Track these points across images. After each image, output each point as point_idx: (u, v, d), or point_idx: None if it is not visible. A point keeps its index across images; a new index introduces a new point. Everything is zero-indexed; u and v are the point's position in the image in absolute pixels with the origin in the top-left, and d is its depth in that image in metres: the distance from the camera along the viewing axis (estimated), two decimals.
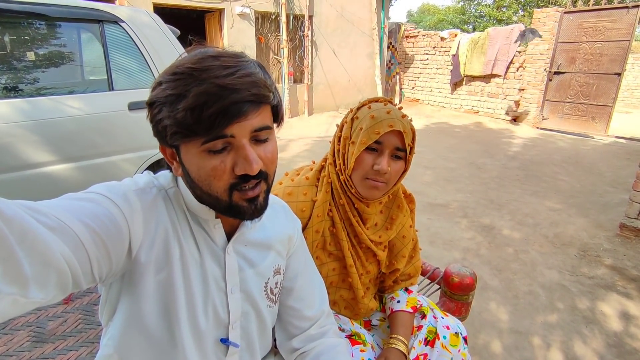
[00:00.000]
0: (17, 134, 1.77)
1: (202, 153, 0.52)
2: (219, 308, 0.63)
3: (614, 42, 5.78)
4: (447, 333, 0.99)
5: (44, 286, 0.40)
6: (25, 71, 1.98)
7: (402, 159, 0.89)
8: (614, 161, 4.86)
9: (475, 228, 2.92)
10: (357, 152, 0.87)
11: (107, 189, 0.53)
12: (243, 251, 0.67)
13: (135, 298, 0.56)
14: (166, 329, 0.58)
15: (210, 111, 0.48)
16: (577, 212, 3.26)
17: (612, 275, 2.31)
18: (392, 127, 0.84)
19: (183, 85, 0.49)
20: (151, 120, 0.54)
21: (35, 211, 0.41)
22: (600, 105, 6.08)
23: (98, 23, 2.04)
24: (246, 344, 0.69)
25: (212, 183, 0.53)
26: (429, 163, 4.58)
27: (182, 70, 0.50)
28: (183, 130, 0.50)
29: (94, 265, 0.47)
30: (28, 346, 1.11)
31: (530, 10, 13.14)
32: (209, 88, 0.48)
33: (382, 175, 0.87)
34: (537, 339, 1.77)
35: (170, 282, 0.57)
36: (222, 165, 0.52)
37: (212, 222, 0.62)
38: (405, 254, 1.03)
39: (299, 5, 6.78)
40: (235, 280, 0.65)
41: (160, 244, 0.57)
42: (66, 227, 0.43)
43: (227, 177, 0.53)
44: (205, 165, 0.52)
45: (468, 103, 7.93)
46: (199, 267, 0.61)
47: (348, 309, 1.02)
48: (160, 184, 0.60)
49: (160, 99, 0.51)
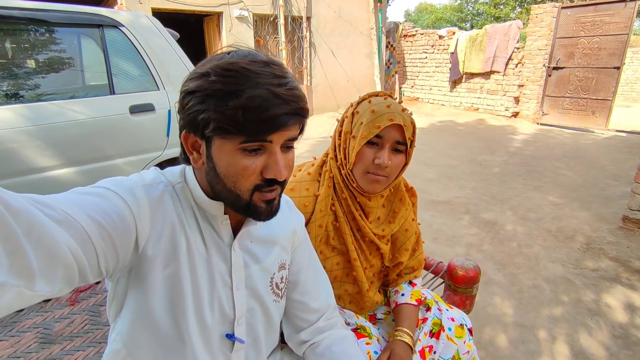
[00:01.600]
0: (20, 140, 1.79)
1: (237, 151, 0.53)
2: (224, 303, 0.64)
3: (612, 36, 5.78)
4: (452, 325, 0.99)
5: (51, 279, 0.40)
6: (27, 77, 1.99)
7: (402, 152, 0.89)
8: (615, 154, 4.85)
9: (478, 224, 2.92)
10: (357, 147, 0.87)
11: (114, 183, 0.54)
12: (249, 247, 0.68)
13: (142, 293, 0.57)
14: (173, 324, 0.59)
15: (262, 116, 0.50)
16: (580, 205, 3.25)
17: (616, 267, 2.31)
18: (392, 120, 0.84)
19: (236, 83, 0.50)
20: (186, 108, 0.54)
21: (42, 204, 0.41)
22: (600, 99, 6.07)
23: (98, 28, 2.06)
24: (252, 340, 0.70)
25: (238, 181, 0.55)
26: (431, 161, 4.58)
27: (237, 69, 0.50)
28: (229, 127, 0.51)
29: (100, 259, 0.47)
30: (35, 347, 1.12)
31: (528, 7, 13.15)
32: (263, 93, 0.50)
33: (383, 169, 0.87)
34: (543, 332, 1.77)
35: (177, 276, 0.58)
36: (252, 166, 0.54)
37: (220, 217, 0.63)
38: (408, 247, 1.03)
39: (296, 7, 6.80)
40: (241, 276, 0.66)
41: (167, 239, 0.57)
42: (73, 221, 0.43)
43: (254, 178, 0.55)
44: (238, 163, 0.53)
45: (468, 100, 7.94)
46: (206, 262, 0.61)
47: (353, 303, 1.02)
48: (167, 180, 0.61)
49: (207, 90, 0.51)
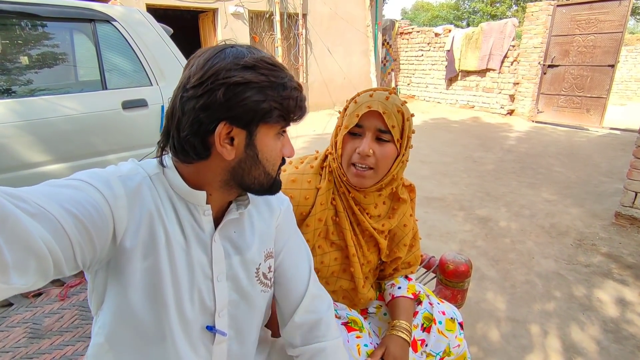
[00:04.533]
0: (11, 135, 1.77)
1: (277, 136, 0.62)
2: (204, 295, 0.63)
3: (607, 34, 5.80)
4: (443, 318, 0.99)
5: (25, 272, 0.40)
6: (18, 72, 1.97)
7: (389, 142, 0.86)
8: (608, 152, 4.88)
9: (472, 220, 2.93)
10: (340, 137, 0.87)
11: (89, 175, 0.54)
12: (232, 237, 0.67)
13: (122, 286, 0.56)
14: (153, 317, 0.59)
15: (301, 104, 0.60)
16: (573, 202, 3.27)
17: (608, 263, 2.33)
18: (369, 107, 0.84)
19: (281, 76, 0.57)
20: (234, 99, 0.54)
21: (14, 197, 0.41)
22: (594, 97, 6.11)
23: (90, 22, 2.03)
24: (235, 333, 0.69)
25: (276, 162, 0.64)
26: (425, 158, 4.59)
27: (276, 63, 0.58)
28: (285, 113, 0.58)
29: (76, 251, 0.47)
30: (24, 342, 1.11)
31: (524, 5, 13.18)
32: (295, 86, 0.59)
33: (365, 158, 0.85)
34: (535, 326, 1.78)
35: (156, 268, 0.57)
36: (281, 147, 0.64)
37: (201, 207, 0.62)
38: (406, 242, 1.03)
39: (292, 4, 6.77)
40: (222, 268, 0.65)
41: (145, 230, 0.57)
42: (47, 213, 0.43)
43: (282, 154, 0.65)
44: (277, 146, 0.62)
45: (463, 98, 7.96)
46: (185, 254, 0.61)
47: (347, 298, 1.01)
48: (144, 171, 0.60)
49: (261, 82, 0.55)
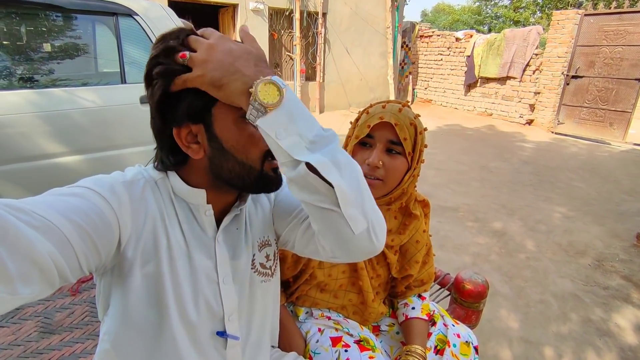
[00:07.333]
0: (30, 124, 1.79)
1: (241, 119, 0.54)
2: (211, 300, 0.62)
3: (636, 47, 5.61)
4: (458, 341, 0.95)
5: (29, 283, 0.40)
6: (40, 62, 1.99)
7: (400, 154, 0.85)
8: (631, 169, 4.72)
9: (486, 233, 2.86)
10: (350, 147, 0.86)
11: (94, 182, 0.53)
12: (234, 237, 0.66)
13: (124, 292, 0.56)
14: (156, 324, 0.58)
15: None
16: (592, 220, 3.17)
17: (628, 287, 2.24)
18: (381, 119, 0.83)
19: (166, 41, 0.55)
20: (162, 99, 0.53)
21: (16, 210, 0.41)
22: (619, 111, 5.92)
23: (112, 16, 2.04)
24: (246, 334, 0.68)
25: (249, 150, 0.56)
26: (440, 165, 4.52)
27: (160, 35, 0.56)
28: None
29: (81, 260, 0.47)
30: (35, 336, 1.11)
31: (549, 12, 12.88)
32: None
33: (374, 169, 0.84)
34: (549, 349, 1.72)
35: (157, 274, 0.57)
36: (257, 134, 0.53)
37: (202, 208, 0.61)
38: (418, 259, 1.00)
39: (312, 3, 6.74)
40: (227, 270, 0.64)
41: (148, 236, 0.56)
42: (50, 225, 0.43)
43: (262, 145, 0.54)
44: (244, 131, 0.55)
45: (481, 105, 7.81)
46: (186, 258, 0.60)
47: (357, 314, 0.99)
48: (148, 175, 0.60)
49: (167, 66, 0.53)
